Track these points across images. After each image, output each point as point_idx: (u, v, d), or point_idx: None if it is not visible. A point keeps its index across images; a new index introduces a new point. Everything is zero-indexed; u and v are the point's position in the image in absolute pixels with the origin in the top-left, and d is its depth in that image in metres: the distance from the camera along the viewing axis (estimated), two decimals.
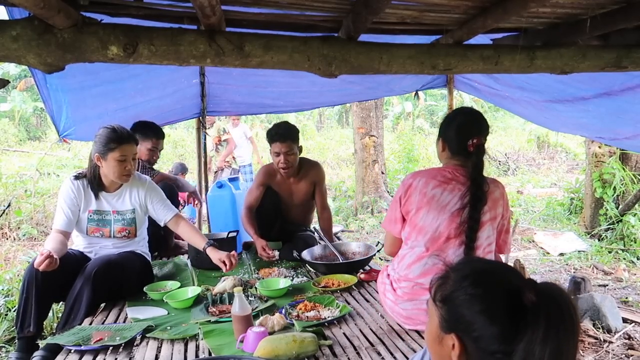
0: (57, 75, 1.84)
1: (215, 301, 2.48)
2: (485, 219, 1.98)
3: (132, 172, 2.65)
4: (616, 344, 2.97)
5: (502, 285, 0.93)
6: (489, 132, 2.08)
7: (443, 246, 2.00)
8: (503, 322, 0.89)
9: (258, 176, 3.42)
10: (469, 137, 1.97)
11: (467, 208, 1.94)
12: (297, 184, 3.38)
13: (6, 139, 14.94)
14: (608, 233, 5.36)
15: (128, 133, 2.62)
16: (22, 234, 5.82)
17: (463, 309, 0.93)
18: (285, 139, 3.12)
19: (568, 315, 0.87)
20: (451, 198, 1.98)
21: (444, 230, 1.99)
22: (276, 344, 1.81)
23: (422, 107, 17.36)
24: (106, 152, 2.55)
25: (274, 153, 3.18)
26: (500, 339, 0.89)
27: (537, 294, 0.88)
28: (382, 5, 1.70)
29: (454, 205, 1.97)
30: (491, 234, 2.03)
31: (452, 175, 2.01)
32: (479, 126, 2.03)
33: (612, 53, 2.14)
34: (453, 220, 1.97)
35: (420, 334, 2.06)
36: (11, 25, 1.59)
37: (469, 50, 2.08)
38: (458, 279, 0.96)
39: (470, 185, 1.95)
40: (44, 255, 2.24)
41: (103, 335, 2.05)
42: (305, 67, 1.90)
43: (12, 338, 2.98)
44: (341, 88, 4.20)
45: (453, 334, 0.94)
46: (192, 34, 1.75)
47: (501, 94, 4.03)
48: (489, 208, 1.99)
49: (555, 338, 0.84)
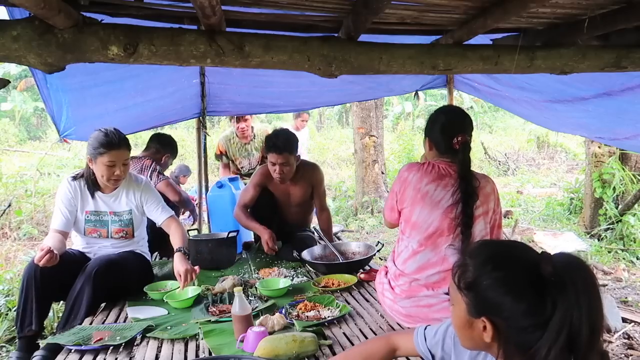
0: (57, 75, 1.84)
1: (215, 301, 2.48)
2: (478, 214, 2.02)
3: (123, 176, 2.63)
4: (616, 343, 2.97)
5: (521, 264, 0.98)
6: (473, 127, 2.12)
7: (437, 242, 2.03)
8: (529, 298, 0.94)
9: (255, 176, 3.41)
10: (453, 135, 2.01)
11: (459, 204, 1.97)
12: (294, 186, 3.37)
13: (6, 138, 14.94)
14: (608, 233, 5.36)
15: (119, 138, 2.58)
16: (23, 234, 5.82)
17: (489, 292, 0.97)
18: (281, 151, 3.10)
19: (589, 277, 0.93)
20: (444, 194, 2.01)
21: (437, 226, 2.01)
22: (276, 343, 1.82)
23: (422, 107, 17.34)
24: (96, 155, 2.54)
25: (270, 162, 3.18)
26: (530, 314, 0.94)
27: (554, 265, 0.93)
28: (382, 5, 1.70)
29: (447, 201, 2.00)
30: (483, 227, 2.06)
31: (445, 171, 2.05)
32: (462, 123, 2.07)
33: (612, 53, 2.14)
34: (446, 216, 2.00)
35: None
36: (11, 25, 1.59)
37: (469, 50, 2.08)
38: (479, 265, 1.00)
39: (460, 183, 1.99)
40: (44, 251, 2.24)
41: (103, 335, 2.05)
42: (305, 67, 1.90)
43: (12, 338, 2.98)
44: (341, 88, 4.20)
45: (483, 317, 0.98)
46: (193, 34, 1.75)
47: (501, 94, 4.03)
48: (481, 203, 2.03)
49: (586, 299, 0.90)
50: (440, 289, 2.02)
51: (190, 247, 3.14)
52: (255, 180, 3.37)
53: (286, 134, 3.20)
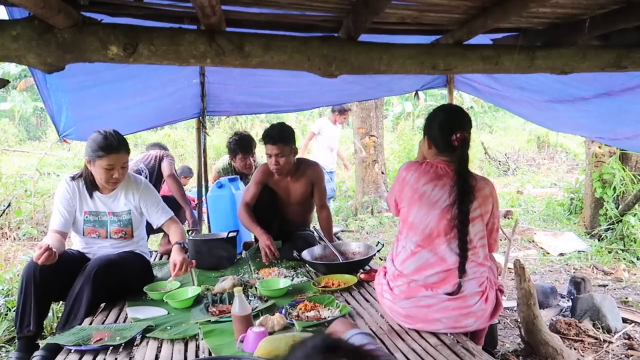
0: (57, 75, 1.84)
1: (215, 301, 2.48)
2: (475, 215, 2.02)
3: (121, 179, 2.62)
4: (616, 344, 2.97)
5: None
6: (472, 126, 2.13)
7: (434, 242, 2.03)
8: None
9: (256, 174, 3.44)
10: (452, 133, 2.02)
11: (456, 203, 1.97)
12: (294, 183, 3.39)
13: (6, 138, 14.92)
14: (608, 233, 5.36)
15: (119, 141, 2.56)
16: (22, 234, 5.82)
17: None
18: (275, 141, 3.15)
19: None
20: (442, 194, 2.02)
21: (434, 227, 2.02)
22: (276, 344, 1.81)
23: (422, 107, 17.32)
24: (95, 158, 2.53)
25: (267, 155, 3.23)
26: None
27: None
28: (382, 5, 1.70)
29: (444, 201, 2.01)
30: (481, 229, 2.06)
31: (443, 171, 2.05)
32: (461, 121, 2.09)
33: (612, 53, 2.14)
34: (444, 216, 2.00)
35: (420, 333, 2.06)
36: (11, 25, 1.59)
37: (469, 50, 2.08)
38: None
39: (457, 179, 1.99)
40: (43, 248, 2.24)
41: (103, 335, 2.05)
42: (305, 67, 1.90)
43: (12, 338, 2.98)
44: (341, 88, 4.20)
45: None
46: (192, 34, 1.75)
47: (501, 94, 4.02)
48: (479, 204, 2.03)
49: None
50: (439, 289, 2.02)
51: (190, 247, 3.14)
52: (257, 178, 3.40)
53: (281, 126, 3.25)
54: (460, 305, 2.01)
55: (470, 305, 2.01)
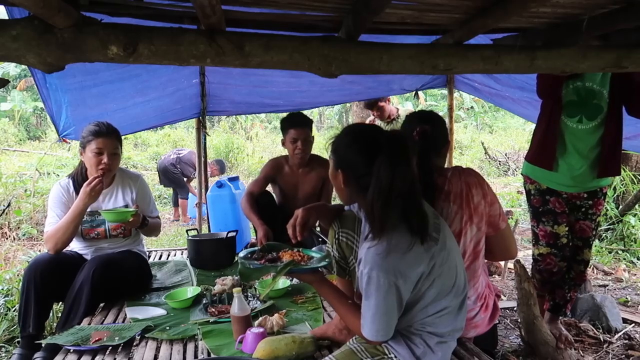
0: (56, 75, 1.84)
1: (214, 301, 2.48)
2: (461, 226, 1.88)
3: (111, 168, 2.60)
4: (616, 344, 2.97)
5: (365, 134, 1.56)
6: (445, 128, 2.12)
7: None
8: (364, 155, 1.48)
9: (265, 168, 3.42)
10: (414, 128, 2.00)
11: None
12: (305, 176, 3.38)
13: (6, 138, 14.92)
14: (608, 233, 5.35)
15: (108, 128, 2.61)
16: (22, 234, 5.83)
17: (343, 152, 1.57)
18: (303, 125, 3.20)
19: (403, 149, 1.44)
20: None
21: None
22: (275, 344, 1.81)
23: (422, 107, 17.34)
24: (85, 144, 2.57)
25: (291, 140, 3.23)
26: (364, 165, 1.47)
27: (386, 138, 1.47)
28: (382, 5, 1.70)
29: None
30: (474, 235, 1.92)
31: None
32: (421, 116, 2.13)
33: (612, 53, 2.13)
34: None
35: None
36: (11, 25, 1.59)
37: (469, 50, 2.08)
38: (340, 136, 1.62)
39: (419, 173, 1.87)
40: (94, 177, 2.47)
41: (102, 335, 2.05)
42: (305, 67, 1.89)
43: (12, 338, 2.98)
44: (341, 88, 4.20)
45: (340, 169, 1.56)
46: (192, 34, 1.75)
47: (501, 94, 4.03)
48: (458, 208, 1.88)
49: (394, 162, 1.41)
50: None
51: (190, 247, 3.14)
52: (265, 171, 3.39)
53: (301, 113, 3.31)
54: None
55: (470, 317, 1.93)
